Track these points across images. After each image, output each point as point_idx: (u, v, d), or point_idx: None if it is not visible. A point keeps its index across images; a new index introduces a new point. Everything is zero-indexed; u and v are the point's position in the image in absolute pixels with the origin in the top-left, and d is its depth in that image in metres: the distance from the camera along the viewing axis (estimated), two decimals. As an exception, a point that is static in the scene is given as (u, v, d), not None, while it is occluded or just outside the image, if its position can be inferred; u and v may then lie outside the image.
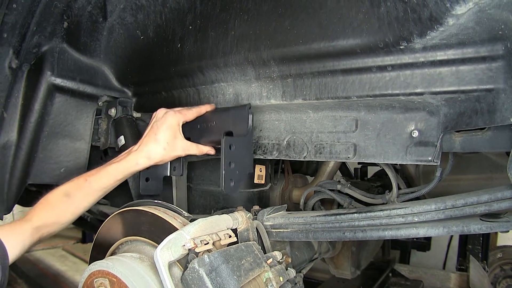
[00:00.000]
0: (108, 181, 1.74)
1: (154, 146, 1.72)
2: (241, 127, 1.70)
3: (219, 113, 1.82)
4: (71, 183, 1.73)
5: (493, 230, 1.35)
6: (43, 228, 1.62)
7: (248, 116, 1.68)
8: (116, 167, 1.73)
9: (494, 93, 1.25)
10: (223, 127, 1.75)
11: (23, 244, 1.51)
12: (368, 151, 1.65)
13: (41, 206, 1.67)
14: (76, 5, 2.00)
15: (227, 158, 1.62)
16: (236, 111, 1.73)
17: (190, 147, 1.79)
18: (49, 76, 2.03)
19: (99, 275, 1.32)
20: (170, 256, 1.20)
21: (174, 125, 1.75)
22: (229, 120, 1.74)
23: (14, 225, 1.55)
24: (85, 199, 1.73)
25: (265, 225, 1.71)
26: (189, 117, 1.79)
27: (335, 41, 1.42)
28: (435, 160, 1.49)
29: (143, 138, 1.77)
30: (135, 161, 1.73)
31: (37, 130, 2.08)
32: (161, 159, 1.75)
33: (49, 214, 1.64)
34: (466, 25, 1.14)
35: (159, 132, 1.73)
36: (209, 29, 1.77)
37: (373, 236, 1.54)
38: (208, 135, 1.81)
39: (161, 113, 1.79)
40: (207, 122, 1.81)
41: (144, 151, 1.72)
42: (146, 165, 1.74)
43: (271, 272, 1.38)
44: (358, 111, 1.67)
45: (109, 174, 1.73)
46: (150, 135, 1.75)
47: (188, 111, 1.79)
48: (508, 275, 3.74)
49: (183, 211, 1.47)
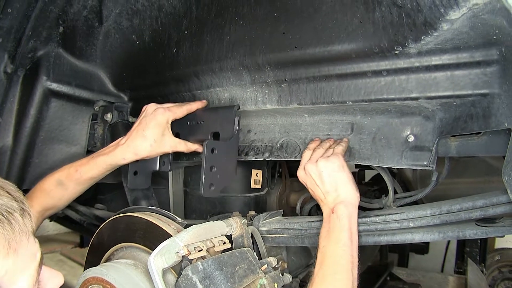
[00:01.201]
0: (97, 172, 1.78)
1: (141, 142, 1.72)
2: (227, 129, 1.69)
3: (208, 112, 1.82)
4: (63, 172, 1.78)
5: (489, 235, 1.34)
6: (44, 211, 1.74)
7: (235, 118, 1.68)
8: (104, 160, 1.76)
9: (489, 98, 1.25)
10: (211, 127, 1.75)
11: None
12: (362, 154, 1.65)
13: (37, 193, 1.76)
14: (72, 10, 2.00)
15: (208, 162, 1.62)
16: (224, 112, 1.73)
17: (178, 145, 1.79)
18: (44, 81, 2.02)
19: (94, 282, 1.32)
20: (164, 263, 1.20)
21: (163, 122, 1.75)
22: (217, 120, 1.74)
23: None
24: (77, 187, 1.81)
25: (261, 230, 1.70)
26: (179, 115, 1.79)
27: (330, 46, 1.42)
28: (430, 165, 1.48)
29: (131, 132, 1.77)
30: (122, 155, 1.74)
31: (33, 135, 2.07)
32: (147, 155, 1.75)
33: (46, 200, 1.73)
34: (460, 30, 1.14)
35: (147, 128, 1.73)
36: (205, 34, 1.76)
37: (369, 242, 1.54)
38: (197, 133, 1.81)
39: (150, 109, 1.79)
40: (196, 120, 1.81)
41: (131, 147, 1.73)
42: (132, 159, 1.75)
43: (265, 279, 1.37)
44: (354, 115, 1.67)
45: (97, 165, 1.76)
46: (138, 130, 1.75)
47: (178, 109, 1.79)
48: (506, 277, 3.74)
49: (177, 217, 1.46)
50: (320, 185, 1.58)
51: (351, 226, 1.48)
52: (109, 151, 1.77)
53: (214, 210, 2.14)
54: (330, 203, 1.56)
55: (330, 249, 1.43)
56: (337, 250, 1.41)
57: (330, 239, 1.46)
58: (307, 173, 1.61)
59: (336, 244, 1.43)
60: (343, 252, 1.40)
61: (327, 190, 1.57)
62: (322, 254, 1.44)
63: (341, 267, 1.37)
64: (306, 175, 1.62)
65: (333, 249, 1.42)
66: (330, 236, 1.47)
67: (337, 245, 1.43)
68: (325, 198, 1.58)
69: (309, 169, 1.59)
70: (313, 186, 1.62)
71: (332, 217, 1.51)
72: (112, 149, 1.77)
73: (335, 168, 1.55)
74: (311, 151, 1.66)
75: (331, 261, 1.40)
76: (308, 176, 1.61)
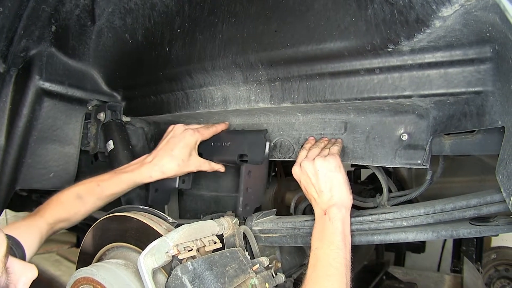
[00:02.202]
0: (119, 188, 1.80)
1: (169, 161, 1.77)
2: (256, 153, 1.76)
3: (235, 134, 1.88)
4: (84, 186, 1.78)
5: (483, 234, 1.34)
6: (56, 224, 1.70)
7: (265, 144, 1.74)
8: (129, 177, 1.79)
9: (483, 95, 1.24)
10: (238, 150, 1.82)
11: (40, 240, 1.59)
12: (356, 153, 1.65)
13: (53, 204, 1.72)
14: (64, 8, 1.98)
15: (245, 183, 1.70)
16: (252, 136, 1.80)
17: (202, 165, 1.86)
18: (37, 80, 2.01)
19: (84, 282, 1.31)
20: (154, 263, 1.19)
21: (192, 144, 1.81)
22: (245, 143, 1.80)
23: (29, 222, 1.62)
24: (96, 202, 1.79)
25: (254, 230, 1.69)
26: (206, 136, 1.85)
27: (322, 44, 1.41)
28: (424, 164, 1.48)
29: (158, 151, 1.81)
30: (148, 173, 1.77)
31: (26, 135, 2.06)
32: (174, 174, 1.81)
33: (61, 212, 1.70)
34: (453, 27, 1.13)
35: (175, 148, 1.78)
36: (197, 33, 1.75)
37: (362, 241, 1.53)
38: (222, 154, 1.87)
39: (179, 130, 1.83)
40: (221, 141, 1.87)
41: (159, 165, 1.77)
42: (158, 178, 1.79)
43: (256, 279, 1.36)
44: (347, 114, 1.66)
45: (121, 182, 1.79)
46: (166, 150, 1.80)
47: (206, 131, 1.84)
48: (502, 275, 3.73)
49: (168, 217, 1.45)
50: (315, 183, 1.57)
51: (344, 228, 1.47)
52: (135, 169, 1.80)
53: (208, 210, 2.13)
54: (323, 204, 1.55)
55: (323, 252, 1.42)
56: (331, 252, 1.40)
57: (323, 241, 1.45)
58: (303, 170, 1.60)
59: (329, 246, 1.42)
60: (337, 254, 1.39)
61: (322, 190, 1.55)
62: (315, 257, 1.42)
63: (335, 270, 1.36)
64: (302, 172, 1.61)
65: (326, 252, 1.41)
66: (323, 238, 1.46)
67: (330, 247, 1.41)
68: (319, 197, 1.57)
69: (306, 166, 1.58)
70: (307, 184, 1.61)
71: (325, 219, 1.50)
72: (137, 167, 1.81)
73: (332, 168, 1.54)
74: (306, 150, 1.65)
75: (324, 263, 1.38)
76: (304, 174, 1.60)
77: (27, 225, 1.60)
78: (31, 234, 1.57)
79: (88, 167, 2.60)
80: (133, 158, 2.15)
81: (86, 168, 2.60)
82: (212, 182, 2.02)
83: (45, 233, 1.63)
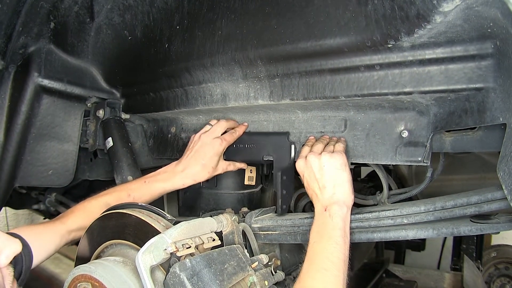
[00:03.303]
0: (151, 197, 1.85)
1: (201, 170, 1.84)
2: (282, 155, 1.81)
3: (258, 137, 1.92)
4: (112, 195, 1.79)
5: (483, 231, 1.33)
6: (76, 231, 1.68)
7: (291, 146, 1.79)
8: (162, 186, 1.85)
9: (483, 92, 1.24)
10: (263, 151, 1.88)
11: (56, 245, 1.61)
12: (357, 151, 1.65)
13: (77, 212, 1.72)
14: (63, 5, 1.98)
15: (282, 187, 1.75)
16: (277, 139, 1.84)
17: (228, 167, 1.95)
18: (36, 77, 2.01)
19: (82, 279, 1.30)
20: (152, 260, 1.18)
21: (220, 152, 1.87)
22: (270, 146, 1.86)
23: (47, 226, 1.62)
24: None
25: (253, 227, 1.68)
26: (231, 142, 1.90)
27: (322, 40, 1.41)
28: (424, 161, 1.47)
29: (189, 160, 1.86)
30: (181, 182, 1.84)
31: (24, 132, 2.05)
32: (205, 179, 1.90)
33: (85, 220, 1.65)
34: (454, 22, 1.12)
35: (206, 158, 1.84)
36: (196, 29, 1.75)
37: (362, 239, 1.52)
38: (246, 155, 1.95)
39: (207, 139, 1.86)
40: (244, 143, 1.94)
41: (191, 174, 1.84)
42: (190, 184, 1.86)
43: (255, 276, 1.35)
44: (347, 111, 1.65)
45: (153, 191, 1.85)
46: (197, 159, 1.84)
47: (230, 137, 1.89)
48: (503, 273, 3.73)
49: (166, 214, 1.44)
50: (319, 178, 1.57)
51: (345, 226, 1.46)
52: (167, 178, 1.85)
53: (208, 207, 2.12)
54: (324, 200, 1.54)
55: (321, 246, 1.41)
56: (329, 247, 1.39)
57: (322, 236, 1.44)
58: (307, 164, 1.60)
59: (328, 241, 1.41)
60: (334, 249, 1.38)
61: (325, 185, 1.55)
62: (313, 250, 1.42)
63: (332, 264, 1.35)
64: (306, 165, 1.60)
65: (324, 246, 1.40)
66: (322, 233, 1.45)
67: (328, 242, 1.40)
68: (321, 193, 1.56)
69: (312, 160, 1.58)
70: (310, 178, 1.60)
71: (325, 215, 1.49)
72: (169, 176, 1.85)
73: (338, 166, 1.54)
74: (309, 147, 1.66)
75: (321, 256, 1.38)
76: (308, 167, 1.60)
77: (43, 228, 1.60)
78: (45, 237, 1.56)
79: (87, 164, 2.59)
80: (133, 155, 2.15)
81: (85, 165, 2.60)
82: (211, 179, 2.01)
83: (64, 240, 1.63)
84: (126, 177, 2.07)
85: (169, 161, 1.92)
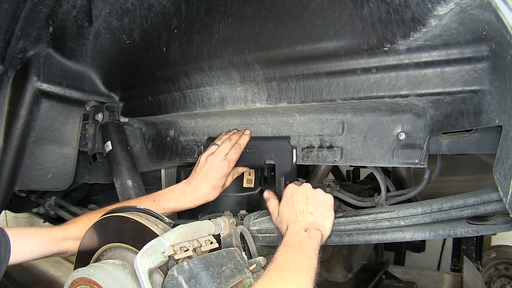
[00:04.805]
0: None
1: (211, 192, 1.84)
2: (284, 160, 1.82)
3: (259, 141, 1.91)
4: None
5: (480, 233, 1.34)
6: (74, 240, 1.67)
7: (292, 151, 1.79)
8: (173, 206, 1.85)
9: (479, 94, 1.24)
10: (264, 156, 1.88)
11: (44, 248, 1.61)
12: (355, 154, 1.65)
13: (81, 222, 1.75)
14: (61, 10, 1.98)
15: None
16: (278, 143, 1.84)
17: (233, 177, 1.97)
18: (35, 82, 2.02)
19: (81, 283, 1.30)
20: (150, 263, 1.19)
21: (228, 172, 1.86)
22: (271, 150, 1.86)
23: (39, 229, 1.64)
24: None
25: (251, 230, 1.69)
26: (238, 158, 1.88)
27: (318, 44, 1.41)
28: (421, 163, 1.48)
29: (198, 183, 1.84)
30: (192, 203, 1.85)
31: (24, 136, 2.07)
32: (214, 198, 1.89)
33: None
34: (449, 25, 1.13)
35: (215, 180, 1.83)
36: (194, 33, 1.75)
37: (359, 241, 1.52)
38: (247, 160, 1.93)
39: (215, 162, 1.84)
40: (245, 149, 1.91)
41: (202, 195, 1.84)
42: (201, 204, 1.88)
43: (253, 279, 1.36)
44: (344, 113, 1.66)
45: (163, 210, 1.83)
46: (207, 181, 1.83)
47: (236, 155, 1.87)
48: (503, 274, 3.74)
49: (164, 217, 1.45)
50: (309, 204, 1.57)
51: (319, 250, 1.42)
52: (177, 199, 1.85)
53: (207, 210, 2.12)
54: (307, 223, 1.53)
55: (293, 254, 1.36)
56: (300, 256, 1.34)
57: (293, 248, 1.40)
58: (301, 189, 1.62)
59: (300, 253, 1.37)
60: (306, 259, 1.33)
61: (312, 212, 1.55)
62: (282, 257, 1.35)
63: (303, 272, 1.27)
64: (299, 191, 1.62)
65: (296, 255, 1.36)
66: (293, 246, 1.41)
67: (301, 253, 1.36)
68: (304, 215, 1.55)
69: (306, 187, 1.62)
70: (298, 201, 1.60)
71: (303, 234, 1.47)
72: (180, 197, 1.85)
73: (329, 203, 1.58)
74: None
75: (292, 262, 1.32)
76: (301, 192, 1.61)
77: (33, 231, 1.62)
78: (31, 238, 1.58)
79: (86, 167, 2.60)
80: (132, 158, 2.16)
81: (84, 169, 2.60)
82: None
83: (57, 246, 1.64)
84: (126, 181, 2.08)
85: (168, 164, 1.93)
